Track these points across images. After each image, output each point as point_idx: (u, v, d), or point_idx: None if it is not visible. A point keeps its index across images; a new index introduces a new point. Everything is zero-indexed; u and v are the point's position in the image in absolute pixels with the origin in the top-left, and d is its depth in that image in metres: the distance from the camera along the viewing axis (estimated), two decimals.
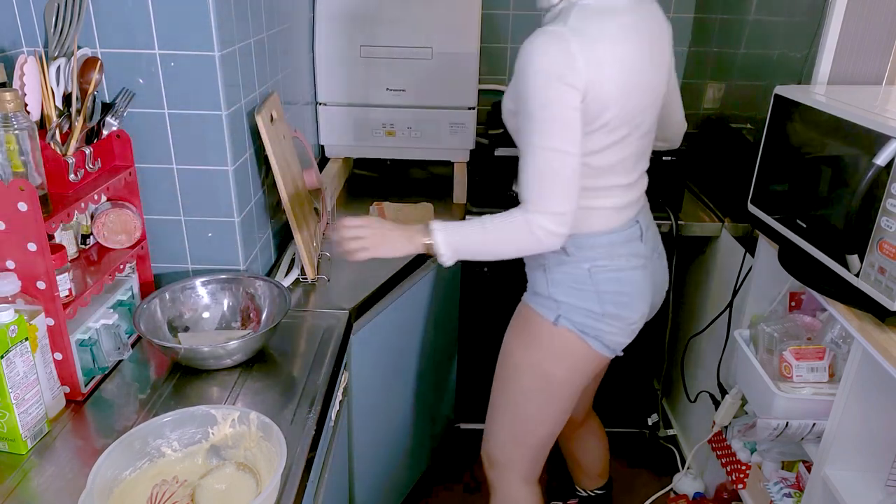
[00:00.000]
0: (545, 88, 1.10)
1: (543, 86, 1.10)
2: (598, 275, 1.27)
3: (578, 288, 1.28)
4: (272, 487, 0.83)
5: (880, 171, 1.07)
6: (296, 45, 1.74)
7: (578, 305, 1.28)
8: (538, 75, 1.10)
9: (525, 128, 1.15)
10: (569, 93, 1.10)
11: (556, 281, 1.29)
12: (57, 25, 1.11)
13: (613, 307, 1.28)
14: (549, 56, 1.09)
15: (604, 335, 1.30)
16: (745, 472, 1.67)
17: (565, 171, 1.13)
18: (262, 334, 1.15)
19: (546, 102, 1.11)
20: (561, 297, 1.29)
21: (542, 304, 1.32)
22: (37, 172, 0.97)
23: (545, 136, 1.12)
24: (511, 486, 1.47)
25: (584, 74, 1.09)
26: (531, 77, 1.11)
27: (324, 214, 1.72)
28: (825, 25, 1.38)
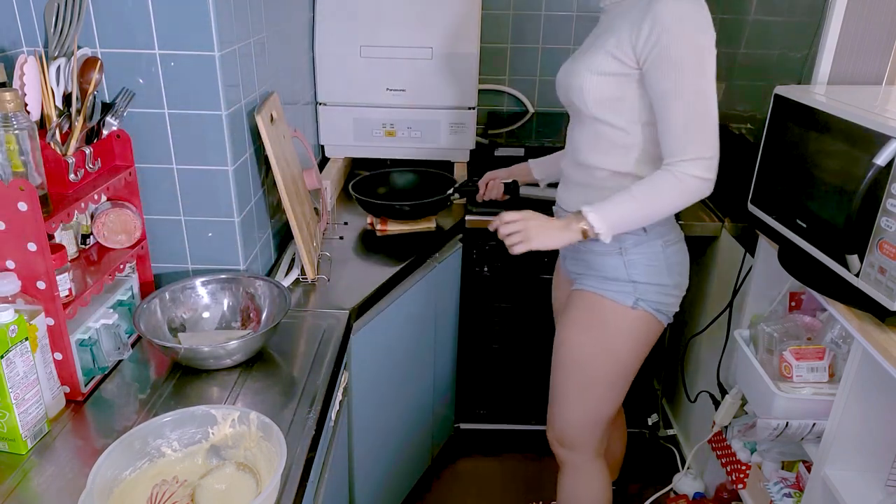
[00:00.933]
0: (705, 39, 1.17)
1: (694, 32, 1.16)
2: (669, 248, 1.35)
3: (653, 265, 1.33)
4: (272, 487, 0.83)
5: (880, 171, 1.07)
6: (296, 45, 1.74)
7: (653, 282, 1.34)
8: (689, 24, 1.16)
9: (672, 81, 1.18)
10: (713, 42, 1.17)
11: (634, 262, 1.33)
12: (57, 25, 1.11)
13: (679, 276, 1.37)
14: (694, 11, 1.16)
15: (670, 307, 1.39)
16: (745, 472, 1.67)
17: (711, 113, 1.19)
18: (262, 334, 1.15)
19: (705, 52, 1.17)
20: (640, 277, 1.33)
21: (618, 289, 1.35)
22: (37, 172, 0.97)
23: (697, 79, 1.17)
24: (585, 462, 1.53)
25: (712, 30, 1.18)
26: (681, 27, 1.15)
27: (324, 214, 1.72)
28: (825, 25, 1.38)
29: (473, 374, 2.16)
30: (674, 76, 1.18)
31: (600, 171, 1.32)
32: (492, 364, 2.13)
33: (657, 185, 1.22)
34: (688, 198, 1.23)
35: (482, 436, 2.26)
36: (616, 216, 1.24)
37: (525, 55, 2.37)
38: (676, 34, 1.16)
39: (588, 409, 1.47)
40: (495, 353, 2.09)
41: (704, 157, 1.19)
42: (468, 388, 2.19)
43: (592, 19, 2.28)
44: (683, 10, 1.16)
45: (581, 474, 1.54)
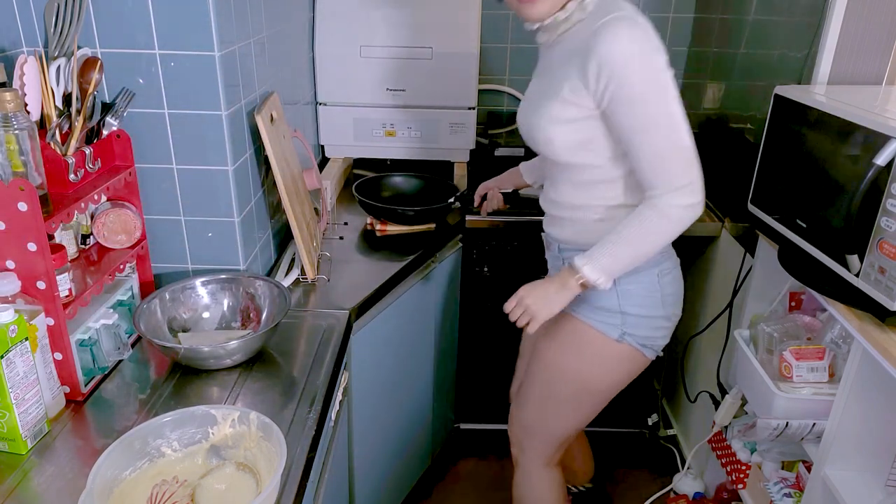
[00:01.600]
0: (658, 70, 1.12)
1: (649, 65, 1.11)
2: (664, 278, 1.31)
3: (648, 296, 1.30)
4: (272, 487, 0.83)
5: (880, 171, 1.07)
6: (296, 45, 1.74)
7: (644, 314, 1.31)
8: (638, 56, 1.11)
9: (638, 118, 1.14)
10: (663, 58, 1.12)
11: (628, 293, 1.29)
12: (57, 25, 1.11)
13: (672, 308, 1.34)
14: (637, 35, 1.11)
15: (658, 341, 1.35)
16: (745, 472, 1.67)
17: (683, 137, 1.15)
18: (262, 334, 1.15)
19: (654, 67, 1.12)
20: (631, 309, 1.30)
21: (605, 320, 1.31)
22: (37, 172, 0.97)
23: (659, 108, 1.13)
24: (532, 467, 1.54)
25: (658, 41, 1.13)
26: (631, 63, 1.11)
27: (324, 214, 1.72)
28: (825, 25, 1.38)
29: (473, 374, 2.16)
30: (636, 111, 1.13)
31: (589, 210, 1.28)
32: (492, 364, 2.13)
33: (645, 223, 1.18)
34: (679, 227, 1.19)
35: (482, 436, 2.26)
36: (610, 265, 1.21)
37: (525, 55, 2.36)
38: (628, 71, 1.11)
39: (549, 424, 1.48)
40: (495, 353, 2.09)
41: (685, 185, 1.15)
42: (468, 388, 2.19)
43: None
44: (625, 44, 1.10)
45: (531, 479, 1.55)
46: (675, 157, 1.15)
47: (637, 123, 1.14)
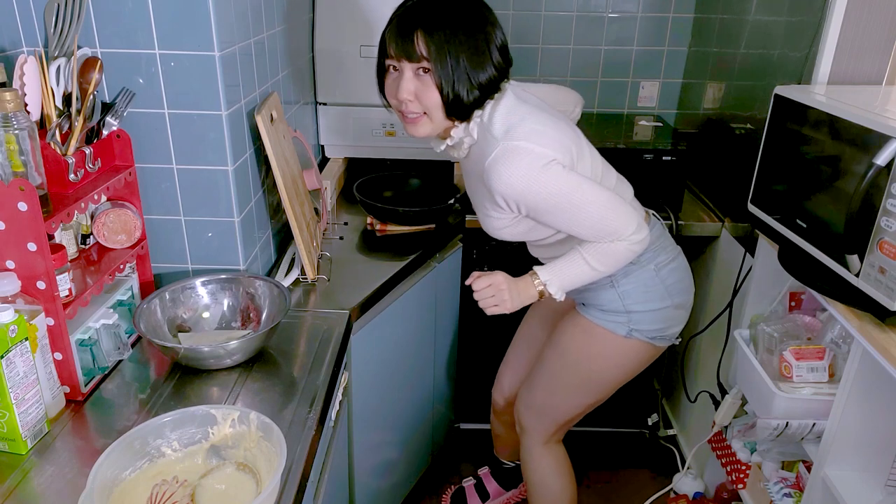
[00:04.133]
0: (544, 185, 1.19)
1: (541, 185, 1.19)
2: (663, 270, 1.38)
3: (650, 290, 1.38)
4: (272, 487, 0.83)
5: (880, 171, 1.07)
6: (296, 45, 1.74)
7: (651, 309, 1.38)
8: (531, 185, 1.19)
9: (558, 214, 1.24)
10: (554, 167, 1.20)
11: (627, 293, 1.38)
12: (57, 25, 1.11)
13: (680, 296, 1.41)
14: (521, 169, 1.18)
15: (669, 330, 1.42)
16: (745, 472, 1.67)
17: (608, 203, 1.24)
18: (262, 334, 1.15)
19: (555, 189, 1.20)
20: (635, 306, 1.38)
21: (612, 320, 1.40)
22: (37, 172, 0.97)
23: (578, 202, 1.22)
24: (533, 445, 1.62)
25: (547, 150, 1.20)
26: (526, 192, 1.20)
27: (324, 214, 1.72)
28: (825, 25, 1.38)
29: (473, 374, 2.16)
30: (555, 216, 1.24)
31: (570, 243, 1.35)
32: (492, 364, 2.12)
33: (612, 255, 1.27)
34: (633, 257, 1.30)
35: (482, 436, 2.25)
36: (571, 282, 1.31)
37: (525, 55, 2.36)
38: (529, 198, 1.20)
39: (554, 408, 1.56)
40: (495, 353, 2.09)
41: (631, 231, 1.25)
42: (468, 388, 2.19)
43: (592, 19, 2.29)
44: (514, 181, 1.18)
45: (532, 456, 1.63)
46: (607, 223, 1.24)
47: (563, 222, 1.26)
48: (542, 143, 1.20)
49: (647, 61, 2.34)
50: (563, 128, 1.27)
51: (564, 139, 1.24)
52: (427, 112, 1.23)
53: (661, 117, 2.20)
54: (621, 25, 2.29)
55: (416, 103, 1.22)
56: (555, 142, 1.22)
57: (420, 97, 1.21)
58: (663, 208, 1.84)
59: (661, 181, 1.84)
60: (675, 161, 1.83)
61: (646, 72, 2.35)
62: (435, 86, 1.19)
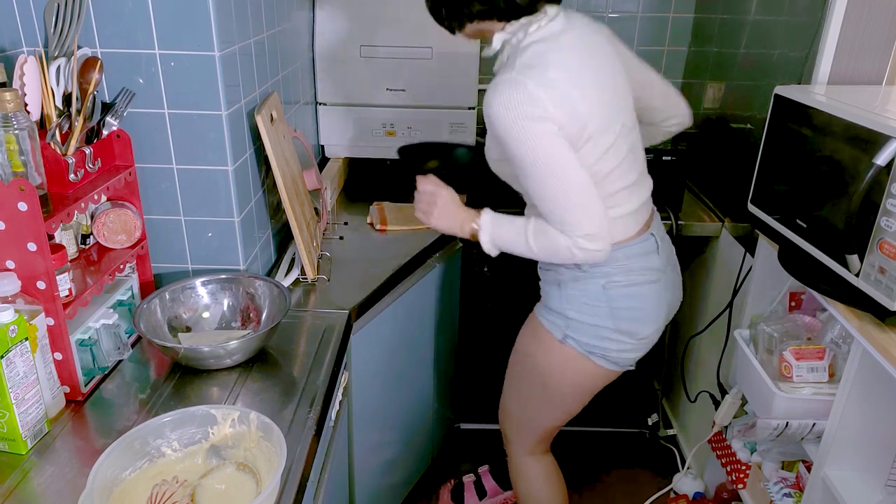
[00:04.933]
0: (522, 130, 1.12)
1: (521, 131, 1.12)
2: (613, 290, 1.28)
3: (591, 304, 1.29)
4: (272, 487, 0.83)
5: (880, 171, 1.07)
6: (296, 45, 1.74)
7: (589, 322, 1.30)
8: (512, 125, 1.12)
9: (525, 171, 1.17)
10: (544, 125, 1.13)
11: (570, 297, 1.30)
12: (57, 25, 1.11)
13: (626, 323, 1.30)
14: (512, 104, 1.12)
15: (611, 353, 1.32)
16: (745, 472, 1.67)
17: (580, 191, 1.16)
18: (262, 334, 1.15)
19: (531, 144, 1.13)
20: (572, 313, 1.31)
21: (551, 320, 1.34)
22: (37, 172, 0.97)
23: (547, 171, 1.14)
24: (517, 456, 1.59)
25: (549, 106, 1.12)
26: (506, 129, 1.13)
27: (324, 214, 1.72)
28: (825, 25, 1.38)
29: (473, 374, 2.16)
30: (528, 171, 1.16)
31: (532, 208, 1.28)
32: (492, 364, 2.13)
33: (553, 246, 1.20)
34: (575, 261, 1.22)
35: (482, 436, 2.26)
36: (503, 245, 1.26)
37: None
38: (505, 135, 1.14)
39: (522, 418, 1.52)
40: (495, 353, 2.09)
41: (588, 234, 1.17)
42: (468, 388, 2.19)
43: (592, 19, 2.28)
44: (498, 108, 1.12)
45: (518, 468, 1.60)
46: (569, 208, 1.16)
47: (524, 181, 1.18)
48: (551, 97, 1.12)
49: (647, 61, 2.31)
50: (595, 100, 1.18)
51: (581, 109, 1.15)
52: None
53: None
54: (621, 25, 2.29)
55: None
56: (567, 104, 1.14)
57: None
58: (663, 208, 1.84)
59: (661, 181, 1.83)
60: (675, 161, 1.83)
61: None
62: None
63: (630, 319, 1.30)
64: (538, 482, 1.59)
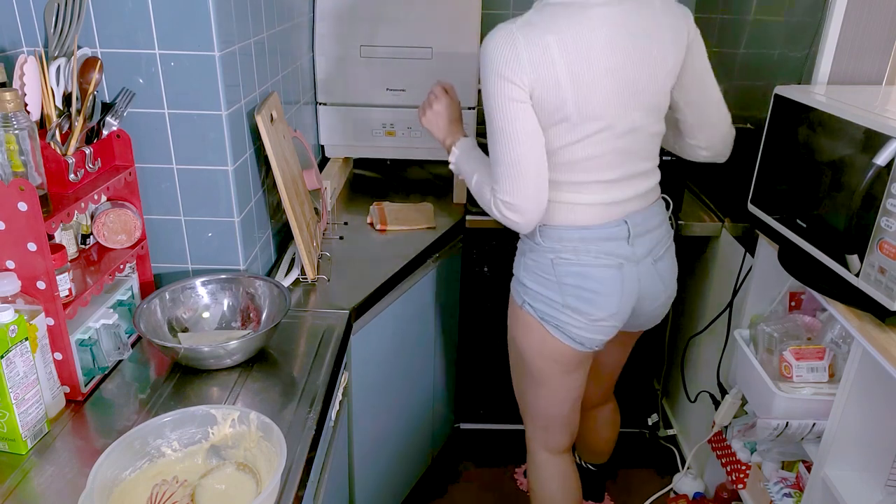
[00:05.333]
0: (491, 83, 1.17)
1: (490, 80, 1.17)
2: (560, 267, 1.31)
3: (542, 275, 1.33)
4: (272, 487, 0.83)
5: (880, 171, 1.07)
6: (296, 45, 1.74)
7: (541, 293, 1.34)
8: (486, 69, 1.17)
9: (486, 116, 1.22)
10: (511, 88, 1.16)
11: (527, 266, 1.37)
12: (57, 25, 1.11)
13: (574, 300, 1.31)
14: (496, 52, 1.15)
15: (565, 326, 1.33)
16: (745, 472, 1.67)
17: (514, 162, 1.19)
18: (262, 334, 1.15)
19: (493, 95, 1.18)
20: (528, 282, 1.36)
21: (515, 287, 1.41)
22: (37, 172, 0.97)
23: (494, 126, 1.20)
24: (534, 452, 1.60)
25: (528, 70, 1.14)
26: (483, 70, 1.18)
27: (324, 214, 1.72)
28: (825, 25, 1.38)
29: (473, 373, 2.16)
30: (487, 116, 1.21)
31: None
32: (492, 364, 2.13)
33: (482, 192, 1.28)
34: (500, 220, 1.26)
35: (482, 436, 2.26)
36: (462, 168, 1.36)
37: None
38: (484, 77, 1.18)
39: (521, 399, 1.55)
40: (495, 353, 2.09)
41: (506, 201, 1.22)
42: (468, 388, 2.19)
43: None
44: (486, 47, 1.17)
45: (532, 464, 1.61)
46: (499, 170, 1.21)
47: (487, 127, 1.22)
48: (532, 61, 1.13)
49: None
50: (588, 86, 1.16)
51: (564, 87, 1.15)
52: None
53: None
54: None
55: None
56: (549, 75, 1.14)
57: None
58: None
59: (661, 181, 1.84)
60: (675, 161, 1.83)
61: None
62: None
63: (578, 298, 1.30)
64: (554, 482, 1.59)
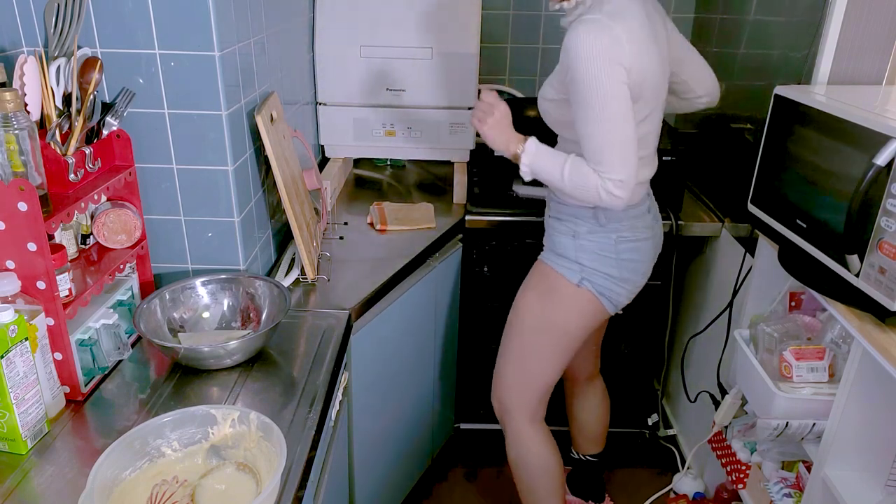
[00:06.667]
0: (599, 70, 1.22)
1: (597, 69, 1.22)
2: (622, 244, 1.43)
3: (603, 255, 1.43)
4: (272, 487, 0.83)
5: (880, 171, 1.07)
6: (296, 45, 1.74)
7: (600, 269, 1.44)
8: (592, 61, 1.22)
9: (583, 107, 1.26)
10: (619, 70, 1.23)
11: (585, 248, 1.43)
12: (57, 25, 1.11)
13: (628, 273, 1.46)
14: (597, 42, 1.22)
15: (615, 296, 1.47)
16: (745, 472, 1.67)
17: (624, 140, 1.27)
18: (262, 334, 1.15)
19: (600, 81, 1.23)
20: (586, 262, 1.44)
21: (566, 266, 1.46)
22: (37, 172, 0.97)
23: (605, 111, 1.24)
24: (521, 425, 1.62)
25: (628, 52, 1.23)
26: (582, 63, 1.22)
27: (324, 214, 1.72)
28: (825, 25, 1.38)
29: (473, 374, 2.16)
30: (586, 107, 1.25)
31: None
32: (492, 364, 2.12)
33: (583, 182, 1.30)
34: (596, 201, 1.31)
35: (482, 436, 2.26)
36: (539, 173, 1.36)
37: (525, 55, 2.36)
38: (577, 69, 1.23)
39: (525, 374, 1.58)
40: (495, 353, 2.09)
41: (618, 179, 1.27)
42: (468, 388, 2.19)
43: None
44: (581, 46, 1.22)
45: (521, 438, 1.63)
46: (613, 153, 1.27)
47: (581, 117, 1.27)
48: (631, 46, 1.23)
49: None
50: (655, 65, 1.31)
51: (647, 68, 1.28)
52: None
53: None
54: None
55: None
56: (641, 58, 1.25)
57: None
58: (663, 208, 1.84)
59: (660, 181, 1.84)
60: (675, 161, 1.83)
61: None
62: None
63: (631, 270, 1.46)
64: (546, 448, 1.63)
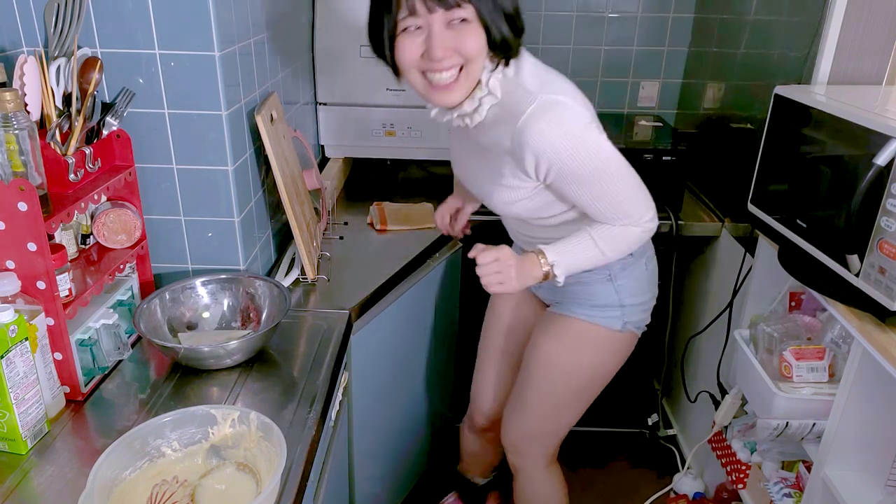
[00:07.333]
0: (587, 146, 1.13)
1: (584, 146, 1.13)
2: (650, 264, 1.40)
3: (640, 284, 1.37)
4: (272, 487, 0.83)
5: (880, 171, 1.07)
6: (296, 45, 1.74)
7: (638, 302, 1.37)
8: (575, 146, 1.12)
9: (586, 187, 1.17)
10: (591, 129, 1.15)
11: (624, 286, 1.35)
12: (57, 25, 1.11)
13: (655, 288, 1.43)
14: (572, 116, 1.12)
15: (645, 319, 1.43)
16: (745, 472, 1.67)
17: (637, 184, 1.21)
18: (262, 334, 1.15)
19: (594, 153, 1.14)
20: (628, 300, 1.36)
21: (609, 315, 1.36)
22: (37, 172, 0.97)
23: (610, 176, 1.17)
24: (535, 469, 1.55)
25: (582, 105, 1.16)
26: (565, 155, 1.12)
27: (324, 214, 1.72)
28: (825, 25, 1.38)
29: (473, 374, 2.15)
30: (581, 188, 1.17)
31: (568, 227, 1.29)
32: None
33: (624, 238, 1.22)
34: (643, 243, 1.27)
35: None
36: (577, 265, 1.24)
37: None
38: (565, 160, 1.12)
39: (554, 425, 1.50)
40: None
41: (649, 217, 1.23)
42: (468, 388, 2.18)
43: (593, 19, 2.29)
44: (554, 138, 1.10)
45: (534, 481, 1.57)
46: (633, 202, 1.21)
47: (586, 196, 1.18)
48: (578, 102, 1.15)
49: (648, 61, 2.34)
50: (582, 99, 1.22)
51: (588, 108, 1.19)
52: (466, 64, 1.11)
53: (661, 117, 2.20)
54: (621, 25, 2.29)
55: (455, 56, 1.10)
56: (585, 107, 1.17)
57: (460, 47, 1.09)
58: (663, 208, 1.84)
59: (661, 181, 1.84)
60: (675, 161, 1.83)
61: (646, 72, 2.35)
62: (480, 25, 1.08)
63: (655, 284, 1.43)
64: (559, 489, 1.58)
